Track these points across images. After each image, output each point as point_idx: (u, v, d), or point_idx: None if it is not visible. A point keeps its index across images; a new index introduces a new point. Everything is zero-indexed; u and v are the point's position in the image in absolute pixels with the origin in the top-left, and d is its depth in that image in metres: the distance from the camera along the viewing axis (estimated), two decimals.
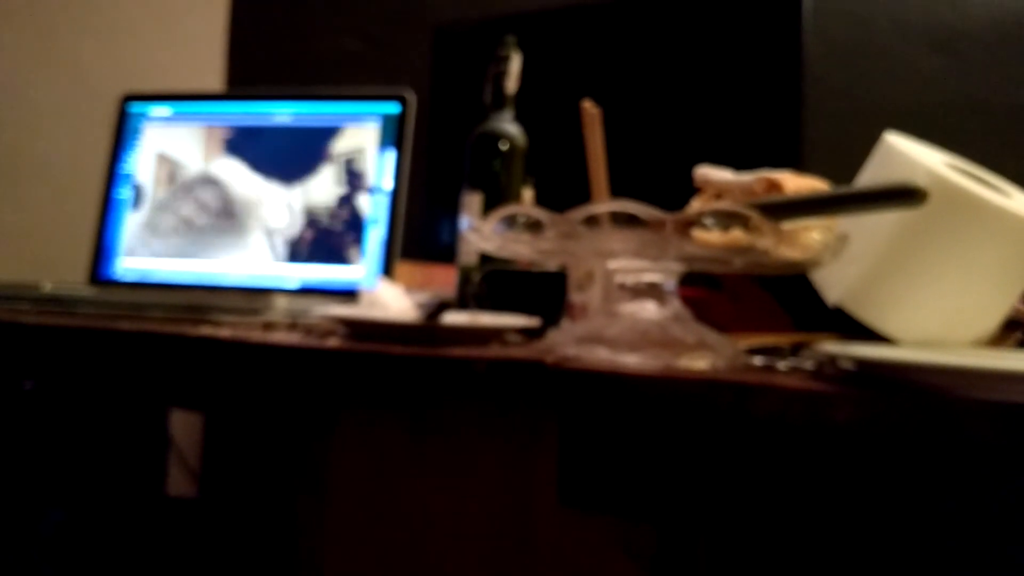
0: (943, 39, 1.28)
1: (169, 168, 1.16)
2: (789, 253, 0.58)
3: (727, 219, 0.55)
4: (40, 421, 1.28)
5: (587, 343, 0.60)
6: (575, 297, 0.77)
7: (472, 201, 0.95)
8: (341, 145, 1.11)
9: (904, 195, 0.58)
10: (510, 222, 0.61)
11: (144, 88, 1.24)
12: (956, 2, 1.27)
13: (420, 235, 1.31)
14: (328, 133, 1.12)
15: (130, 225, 1.16)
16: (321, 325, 0.81)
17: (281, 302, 0.87)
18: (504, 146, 0.96)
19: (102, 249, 1.16)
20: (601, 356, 0.59)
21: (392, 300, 0.79)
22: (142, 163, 1.18)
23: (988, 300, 0.65)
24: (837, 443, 0.51)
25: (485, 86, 0.99)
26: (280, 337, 0.72)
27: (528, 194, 1.01)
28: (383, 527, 0.68)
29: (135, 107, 1.21)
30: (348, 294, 0.99)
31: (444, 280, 1.04)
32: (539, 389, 0.59)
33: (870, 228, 0.65)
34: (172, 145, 1.17)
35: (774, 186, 0.74)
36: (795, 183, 0.75)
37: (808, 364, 0.61)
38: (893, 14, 1.31)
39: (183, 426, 1.67)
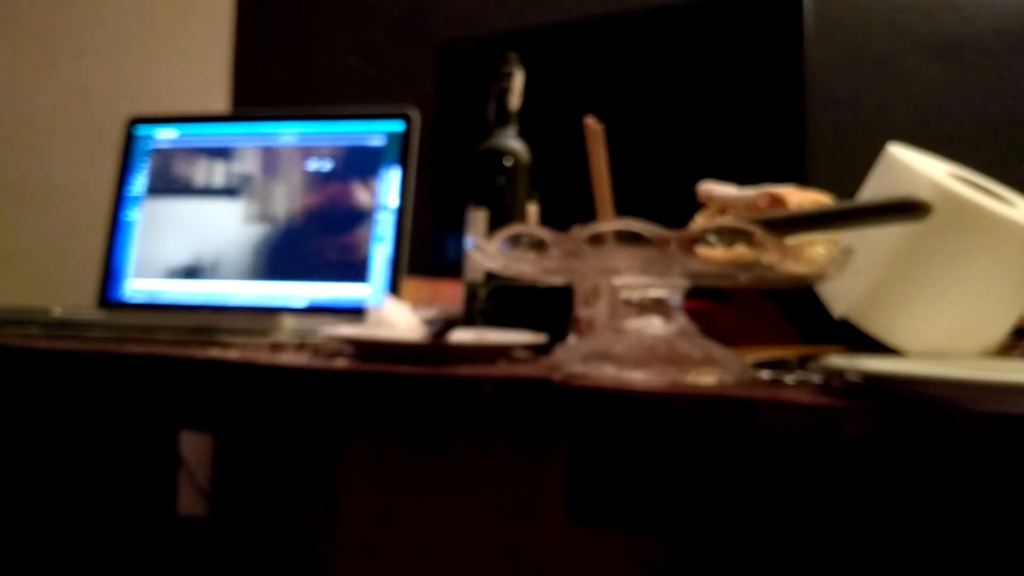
0: (946, 48, 1.28)
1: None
2: (794, 267, 0.58)
3: (731, 235, 0.55)
4: (51, 443, 1.29)
5: (594, 360, 0.61)
6: (581, 312, 0.77)
7: (477, 217, 0.96)
8: (347, 163, 1.11)
9: (907, 209, 0.58)
10: (514, 241, 0.61)
11: (150, 110, 1.26)
12: (959, 10, 1.27)
13: (426, 251, 1.31)
14: (334, 152, 1.13)
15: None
16: (328, 345, 0.82)
17: (289, 322, 0.87)
18: (508, 162, 0.96)
19: (111, 272, 1.17)
20: (608, 373, 0.59)
21: (399, 318, 0.80)
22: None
23: (995, 310, 0.65)
24: (845, 456, 0.51)
25: (489, 103, 0.99)
26: (288, 358, 0.73)
27: (533, 210, 1.01)
28: (393, 546, 0.68)
29: (142, 130, 1.22)
30: (355, 312, 0.99)
31: (451, 295, 1.04)
32: (547, 407, 0.59)
33: (875, 240, 0.65)
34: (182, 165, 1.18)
35: (777, 201, 0.75)
36: (798, 197, 0.75)
37: (815, 377, 0.60)
38: (896, 23, 1.31)
39: (193, 446, 1.68)
